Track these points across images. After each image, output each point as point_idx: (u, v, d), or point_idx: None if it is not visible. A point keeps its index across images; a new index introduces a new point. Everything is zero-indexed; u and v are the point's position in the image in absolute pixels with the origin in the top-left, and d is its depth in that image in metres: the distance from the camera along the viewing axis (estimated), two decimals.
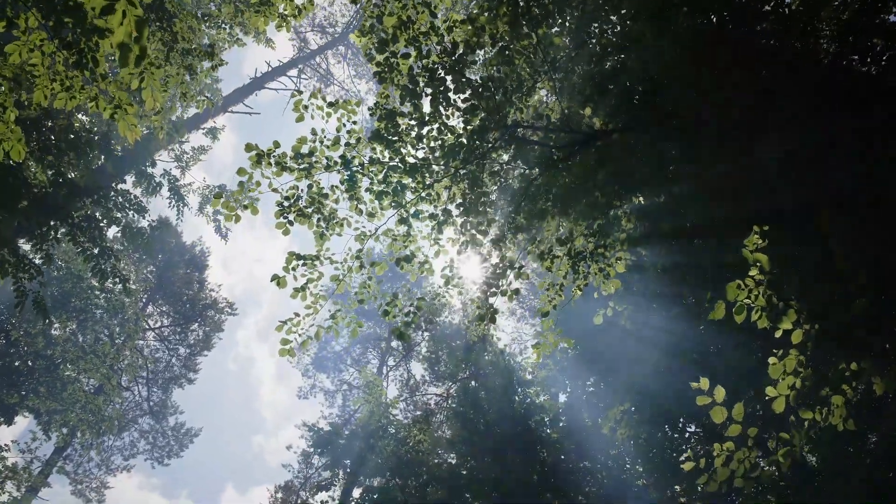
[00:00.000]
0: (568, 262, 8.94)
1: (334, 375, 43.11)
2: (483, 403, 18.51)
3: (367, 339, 44.31)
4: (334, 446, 14.84)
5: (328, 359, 42.78)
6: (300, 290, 9.21)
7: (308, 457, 41.13)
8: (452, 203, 9.52)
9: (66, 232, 12.64)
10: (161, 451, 40.83)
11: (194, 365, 43.44)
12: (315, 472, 40.91)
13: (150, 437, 41.00)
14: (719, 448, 6.21)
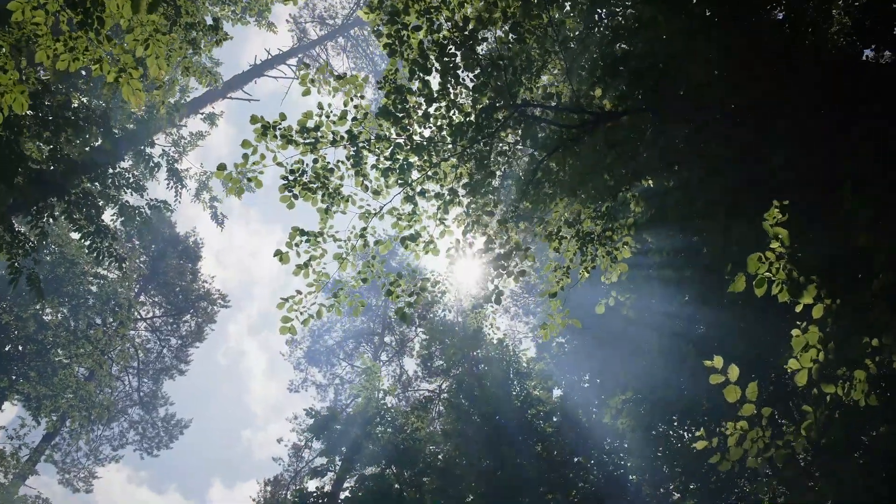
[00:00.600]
0: (576, 244, 8.81)
1: (326, 369, 42.91)
2: (478, 395, 18.38)
3: (360, 333, 44.12)
4: (331, 432, 14.66)
5: (321, 353, 42.54)
6: (303, 266, 9.05)
7: (299, 450, 40.95)
8: (459, 183, 9.37)
9: (63, 209, 12.43)
10: (150, 442, 40.52)
11: (186, 356, 43.16)
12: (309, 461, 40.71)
13: (140, 427, 40.67)
14: (733, 427, 6.10)
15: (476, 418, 18.11)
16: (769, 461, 6.00)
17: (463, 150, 9.11)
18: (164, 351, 43.09)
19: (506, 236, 9.23)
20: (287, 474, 40.30)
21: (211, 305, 42.58)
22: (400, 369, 43.23)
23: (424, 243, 9.38)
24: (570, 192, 8.95)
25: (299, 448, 40.75)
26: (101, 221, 12.64)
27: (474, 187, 9.27)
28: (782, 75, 9.16)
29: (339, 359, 42.56)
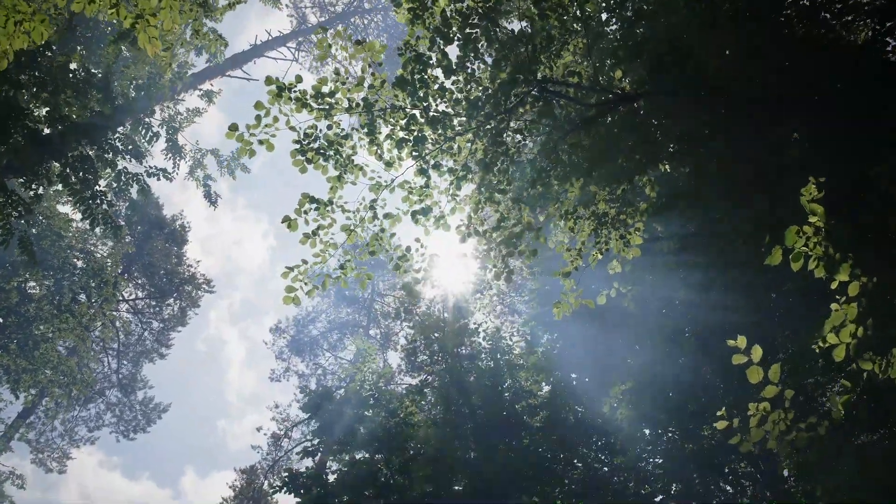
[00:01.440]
0: (591, 224, 8.67)
1: (309, 360, 42.56)
2: (468, 386, 18.21)
3: (344, 325, 43.86)
4: (324, 411, 14.42)
5: (304, 343, 42.20)
6: (310, 235, 8.83)
7: (278, 439, 40.60)
8: (473, 158, 9.20)
9: (59, 172, 12.10)
10: (127, 425, 39.93)
11: (167, 340, 42.62)
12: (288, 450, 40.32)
13: (118, 410, 40.07)
14: (755, 408, 5.98)
15: (465, 409, 17.93)
16: (791, 444, 5.89)
17: (479, 126, 8.94)
18: (145, 334, 42.54)
19: (518, 215, 9.07)
20: (265, 463, 39.96)
21: (196, 290, 42.07)
22: (384, 363, 42.99)
23: (435, 218, 9.19)
24: (585, 173, 8.81)
25: (278, 437, 40.41)
26: (97, 187, 12.32)
27: (488, 164, 9.10)
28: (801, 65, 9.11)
29: (323, 349, 42.23)
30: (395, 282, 47.43)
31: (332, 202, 8.83)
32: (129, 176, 13.01)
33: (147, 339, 42.39)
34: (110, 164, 12.44)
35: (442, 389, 17.21)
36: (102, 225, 12.75)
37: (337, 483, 13.79)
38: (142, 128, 13.91)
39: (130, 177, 13.01)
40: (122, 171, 12.87)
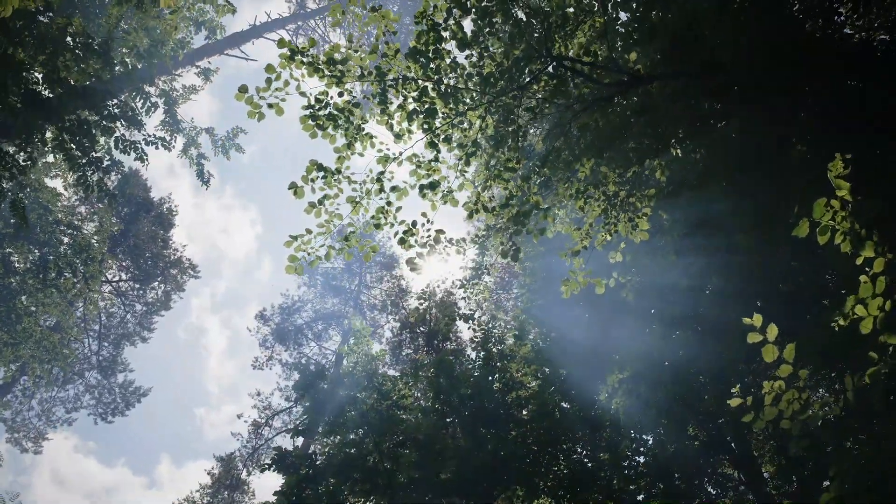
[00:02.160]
0: (601, 204, 8.58)
1: (293, 349, 42.18)
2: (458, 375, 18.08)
3: (330, 315, 43.56)
4: (316, 390, 14.21)
5: (289, 331, 41.83)
6: (315, 205, 8.67)
7: (259, 427, 40.25)
8: (483, 135, 9.09)
9: (55, 136, 11.83)
10: (106, 408, 39.41)
11: (150, 324, 42.16)
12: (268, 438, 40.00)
13: (97, 392, 39.55)
14: (769, 386, 5.91)
15: (454, 399, 17.80)
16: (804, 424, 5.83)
17: (490, 102, 8.83)
18: (127, 316, 42.05)
19: (527, 193, 8.97)
20: (245, 450, 39.62)
21: (181, 274, 41.66)
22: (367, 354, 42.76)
23: (443, 193, 9.06)
24: (596, 154, 8.73)
25: (259, 425, 40.07)
26: (93, 153, 12.05)
27: (498, 141, 9.00)
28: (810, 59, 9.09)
29: (308, 339, 41.91)
30: (383, 274, 47.25)
31: (339, 171, 8.69)
32: (126, 143, 12.72)
33: (129, 321, 41.91)
34: (107, 130, 12.17)
35: (431, 378, 17.07)
36: (97, 192, 12.49)
37: (324, 465, 13.62)
38: (140, 98, 13.64)
39: (128, 144, 12.73)
40: (120, 137, 12.59)
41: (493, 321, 17.46)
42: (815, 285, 8.91)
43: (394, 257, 46.66)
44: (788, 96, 9.11)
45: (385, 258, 46.44)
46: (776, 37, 9.20)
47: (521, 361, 17.63)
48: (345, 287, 44.21)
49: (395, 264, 46.52)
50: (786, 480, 19.93)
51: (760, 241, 8.52)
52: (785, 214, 8.69)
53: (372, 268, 46.54)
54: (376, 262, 46.28)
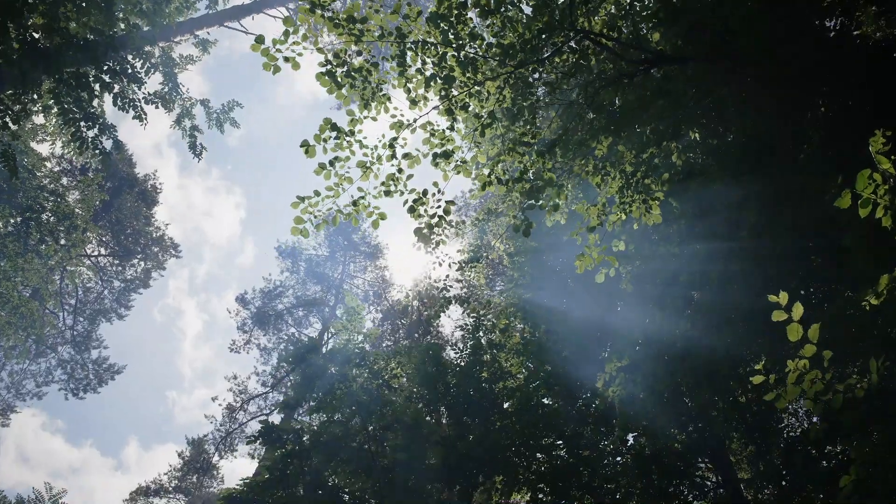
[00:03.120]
0: (619, 182, 8.42)
1: (273, 334, 41.71)
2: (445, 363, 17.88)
3: (312, 302, 43.13)
4: (308, 364, 13.91)
5: (269, 316, 41.36)
6: (325, 166, 8.43)
7: (233, 411, 39.74)
8: (500, 106, 8.89)
9: (51, 89, 11.42)
10: (78, 384, 38.67)
11: (127, 301, 41.46)
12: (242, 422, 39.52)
13: (69, 367, 38.79)
14: (793, 365, 5.79)
15: (440, 387, 17.61)
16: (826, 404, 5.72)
17: (510, 73, 8.64)
18: (104, 292, 41.33)
19: (541, 168, 8.79)
20: (218, 433, 39.12)
21: (163, 252, 41.04)
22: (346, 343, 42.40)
23: (456, 163, 8.85)
24: (614, 133, 8.58)
25: (234, 409, 39.59)
26: (91, 108, 11.67)
27: (515, 114, 8.83)
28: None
29: (288, 324, 41.46)
30: (367, 264, 46.90)
31: (353, 133, 8.45)
32: (125, 100, 12.34)
33: (106, 297, 41.19)
34: (107, 86, 11.79)
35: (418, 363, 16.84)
36: (91, 149, 12.11)
37: (311, 442, 13.35)
38: (139, 59, 13.25)
39: (127, 101, 12.35)
40: (119, 94, 12.21)
41: (486, 308, 17.23)
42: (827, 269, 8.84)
43: (378, 248, 46.37)
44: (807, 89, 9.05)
45: (370, 248, 46.14)
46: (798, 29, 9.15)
47: (509, 352, 17.46)
48: (328, 275, 43.80)
49: (379, 255, 46.23)
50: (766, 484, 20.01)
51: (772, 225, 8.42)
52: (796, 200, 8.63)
53: (356, 257, 46.19)
54: (360, 251, 45.94)
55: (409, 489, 13.84)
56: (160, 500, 47.98)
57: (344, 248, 45.43)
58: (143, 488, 47.68)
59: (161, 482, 47.65)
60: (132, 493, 47.13)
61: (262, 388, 38.90)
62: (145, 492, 47.64)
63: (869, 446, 5.46)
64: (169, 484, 47.74)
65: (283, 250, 43.50)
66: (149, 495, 47.84)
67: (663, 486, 19.48)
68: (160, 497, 47.88)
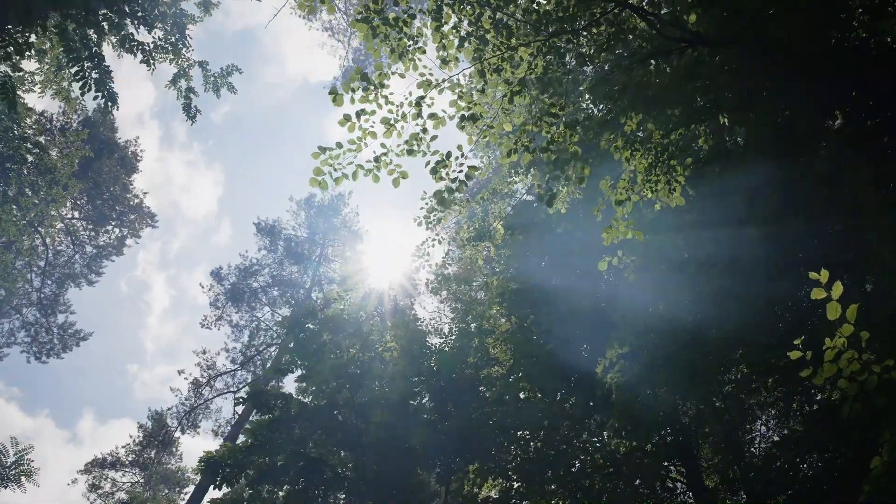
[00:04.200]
0: (648, 158, 8.29)
1: (245, 311, 41.07)
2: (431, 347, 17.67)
3: (287, 282, 42.62)
4: (302, 329, 13.51)
5: (243, 293, 40.72)
6: (350, 118, 8.16)
7: (199, 387, 39.03)
8: (532, 74, 8.70)
9: (58, 24, 10.97)
10: (41, 347, 37.71)
11: (99, 267, 40.54)
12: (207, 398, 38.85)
13: (33, 330, 37.79)
14: (830, 342, 5.72)
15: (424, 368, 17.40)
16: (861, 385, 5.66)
17: (544, 41, 8.48)
18: (76, 256, 40.33)
19: (568, 140, 8.64)
20: (182, 408, 38.44)
21: (140, 220, 40.21)
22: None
23: (482, 128, 8.66)
24: (644, 110, 8.46)
25: (200, 384, 38.88)
26: (97, 49, 11.21)
27: (546, 84, 8.68)
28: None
29: (262, 303, 40.87)
30: (344, 249, 46.39)
31: (382, 86, 8.20)
32: (133, 43, 11.90)
33: (77, 262, 40.22)
34: (116, 27, 11.35)
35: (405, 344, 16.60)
36: (95, 90, 11.65)
37: (297, 410, 13.03)
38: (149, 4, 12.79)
39: (136, 44, 11.91)
40: (129, 35, 11.76)
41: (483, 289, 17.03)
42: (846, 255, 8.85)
43: (358, 233, 45.93)
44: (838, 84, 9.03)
45: (350, 233, 45.67)
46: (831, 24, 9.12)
47: (497, 339, 17.30)
48: (306, 256, 43.25)
49: (359, 240, 45.81)
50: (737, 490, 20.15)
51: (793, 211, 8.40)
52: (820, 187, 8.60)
53: (335, 241, 45.68)
54: (340, 235, 45.46)
55: (389, 467, 13.60)
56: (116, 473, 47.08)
57: (324, 231, 44.93)
58: (98, 460, 46.73)
59: (118, 455, 46.73)
60: (87, 464, 46.15)
61: (231, 366, 38.28)
62: (101, 464, 46.71)
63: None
64: (126, 458, 46.86)
65: (263, 227, 42.90)
66: (104, 468, 46.91)
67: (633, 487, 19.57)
68: (116, 470, 47.00)
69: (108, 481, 46.50)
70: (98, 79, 11.52)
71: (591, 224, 15.95)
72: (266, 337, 40.61)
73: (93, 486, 45.58)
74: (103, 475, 46.40)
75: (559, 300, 17.63)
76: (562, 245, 17.05)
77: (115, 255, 40.44)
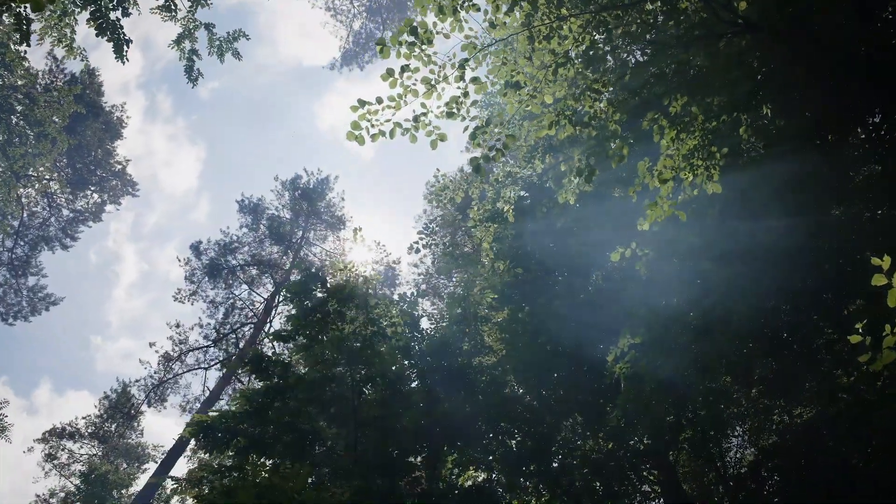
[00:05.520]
0: (696, 139, 8.14)
1: (222, 289, 40.28)
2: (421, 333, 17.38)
3: (266, 263, 41.92)
4: (306, 296, 13.10)
5: (221, 269, 39.92)
6: (392, 73, 7.89)
7: (169, 360, 38.17)
8: (579, 48, 8.51)
9: None
10: (9, 309, 36.67)
11: (75, 232, 39.51)
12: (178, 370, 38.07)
13: (2, 291, 36.73)
14: (889, 328, 5.60)
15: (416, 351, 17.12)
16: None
17: (594, 14, 8.30)
18: (51, 219, 39.27)
19: (609, 117, 8.46)
20: (150, 381, 37.59)
21: (122, 187, 39.29)
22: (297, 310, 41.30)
23: (526, 96, 8.43)
24: (690, 93, 8.33)
25: (170, 358, 38.04)
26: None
27: (591, 59, 8.50)
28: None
29: (241, 281, 40.15)
30: (327, 234, 45.79)
31: (430, 41, 7.94)
32: None
33: (52, 224, 39.15)
34: None
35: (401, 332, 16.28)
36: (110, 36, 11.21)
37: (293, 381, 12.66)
38: None
39: None
40: None
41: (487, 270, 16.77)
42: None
43: (341, 219, 45.37)
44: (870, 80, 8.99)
45: (333, 218, 45.09)
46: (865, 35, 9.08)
47: (493, 327, 17.09)
48: (287, 238, 42.57)
49: (341, 226, 45.23)
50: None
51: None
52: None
53: (318, 225, 45.08)
54: (323, 220, 44.85)
55: (380, 446, 13.31)
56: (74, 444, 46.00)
57: (307, 214, 44.32)
58: (57, 430, 45.61)
59: (77, 426, 45.63)
60: (45, 433, 45.01)
61: (204, 342, 37.54)
62: (59, 434, 45.59)
63: None
64: (85, 429, 45.75)
65: (246, 205, 42.18)
66: (63, 438, 45.79)
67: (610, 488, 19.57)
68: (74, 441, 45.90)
69: (66, 452, 45.40)
70: (113, 22, 11.10)
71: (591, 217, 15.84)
72: (241, 316, 39.94)
73: (49, 455, 44.47)
74: (60, 445, 45.30)
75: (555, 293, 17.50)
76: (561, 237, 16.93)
77: (92, 220, 39.47)
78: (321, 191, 44.59)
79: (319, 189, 44.30)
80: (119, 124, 41.60)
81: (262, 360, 12.62)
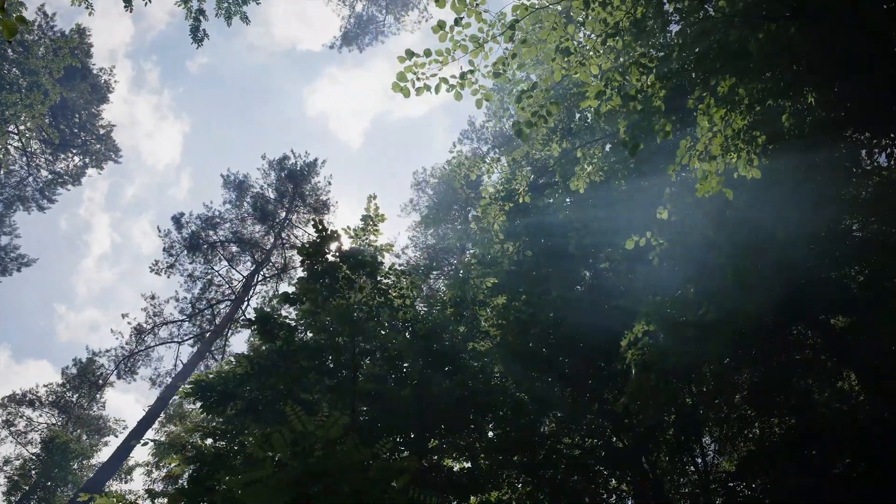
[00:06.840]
0: (745, 120, 8.03)
1: (201, 264, 39.56)
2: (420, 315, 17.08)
3: (248, 242, 41.30)
4: (320, 260, 12.67)
5: (202, 243, 39.19)
6: (444, 26, 7.64)
7: (142, 333, 37.37)
8: (628, 20, 8.35)
9: None
10: None
11: (53, 194, 38.52)
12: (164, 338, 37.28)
13: None
14: None
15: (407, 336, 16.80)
16: None
17: None
18: (29, 178, 38.23)
19: (655, 93, 8.31)
20: (121, 351, 36.76)
21: (106, 151, 38.36)
22: (275, 290, 40.83)
23: (572, 63, 8.25)
24: (738, 75, 8.21)
25: (143, 331, 37.26)
26: None
27: (641, 32, 8.33)
28: None
29: (221, 257, 39.44)
30: (310, 217, 45.18)
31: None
32: None
33: (30, 184, 38.11)
34: None
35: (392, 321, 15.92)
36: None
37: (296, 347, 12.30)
38: None
39: None
40: None
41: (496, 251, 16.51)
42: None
43: (326, 204, 44.87)
44: None
45: (317, 203, 44.55)
46: None
47: (491, 312, 16.86)
48: (270, 219, 41.95)
49: (325, 211, 44.72)
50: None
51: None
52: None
53: (301, 208, 44.50)
54: (308, 204, 44.30)
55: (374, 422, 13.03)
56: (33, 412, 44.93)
57: (291, 196, 43.74)
58: (16, 396, 44.51)
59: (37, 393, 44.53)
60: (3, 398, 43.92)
61: (179, 316, 36.80)
62: (18, 400, 44.50)
63: None
64: (46, 398, 44.66)
65: (231, 181, 41.48)
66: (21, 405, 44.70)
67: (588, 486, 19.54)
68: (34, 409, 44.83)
69: (24, 419, 44.31)
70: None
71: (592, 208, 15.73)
72: (218, 293, 39.27)
73: (6, 422, 43.36)
74: (18, 412, 44.21)
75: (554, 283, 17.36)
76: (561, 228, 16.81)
77: (71, 183, 38.48)
78: (307, 174, 44.02)
79: (306, 171, 43.74)
80: (106, 88, 40.71)
81: (268, 320, 12.25)
